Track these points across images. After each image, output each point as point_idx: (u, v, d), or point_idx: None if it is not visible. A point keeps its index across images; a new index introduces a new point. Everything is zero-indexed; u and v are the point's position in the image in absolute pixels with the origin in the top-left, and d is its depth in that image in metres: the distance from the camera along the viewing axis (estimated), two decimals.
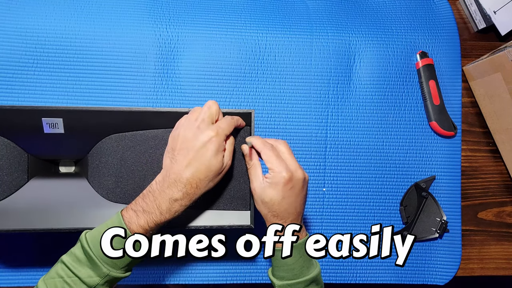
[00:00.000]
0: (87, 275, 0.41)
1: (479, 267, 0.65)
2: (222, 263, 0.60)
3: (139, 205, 0.43)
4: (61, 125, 0.49)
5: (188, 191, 0.42)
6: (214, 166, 0.43)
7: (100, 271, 0.41)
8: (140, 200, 0.43)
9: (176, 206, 0.43)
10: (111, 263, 0.41)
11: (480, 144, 0.66)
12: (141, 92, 0.60)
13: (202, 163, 0.43)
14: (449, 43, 0.66)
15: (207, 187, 0.44)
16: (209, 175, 0.43)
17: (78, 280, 0.41)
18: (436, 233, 0.62)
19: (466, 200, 0.65)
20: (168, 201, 0.42)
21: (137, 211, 0.42)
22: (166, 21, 0.61)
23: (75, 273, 0.41)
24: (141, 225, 0.42)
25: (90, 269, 0.41)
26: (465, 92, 0.66)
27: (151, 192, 0.43)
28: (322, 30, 0.64)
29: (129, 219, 0.42)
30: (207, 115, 0.45)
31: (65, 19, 0.59)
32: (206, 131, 0.43)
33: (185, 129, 0.44)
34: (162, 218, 0.43)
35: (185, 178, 0.42)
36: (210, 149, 0.43)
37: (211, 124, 0.45)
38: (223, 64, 0.62)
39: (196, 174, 0.43)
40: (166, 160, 0.45)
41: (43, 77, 0.58)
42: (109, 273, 0.41)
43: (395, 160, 0.64)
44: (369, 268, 0.62)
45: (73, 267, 0.41)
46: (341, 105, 0.63)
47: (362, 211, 0.63)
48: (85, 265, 0.41)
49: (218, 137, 0.43)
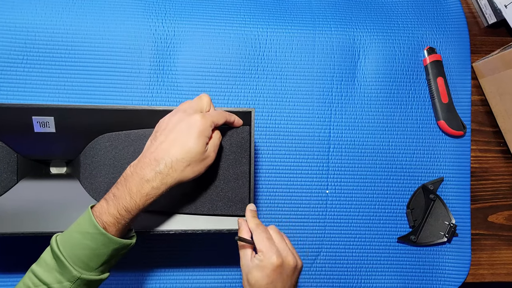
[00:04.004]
0: (56, 281, 0.39)
1: (490, 273, 0.65)
2: (217, 270, 0.60)
3: (111, 192, 0.42)
4: (52, 124, 0.49)
5: (161, 170, 0.41)
6: (194, 149, 0.42)
7: (69, 275, 0.39)
8: (113, 187, 0.43)
9: (147, 188, 0.41)
10: (83, 264, 0.40)
11: (490, 144, 0.66)
12: (136, 89, 0.60)
13: (182, 143, 0.42)
14: (458, 38, 0.66)
15: (185, 172, 0.42)
16: (186, 157, 0.42)
17: (45, 287, 0.39)
18: (445, 237, 0.62)
19: (475, 203, 0.65)
20: (139, 182, 0.41)
21: (108, 199, 0.42)
22: (162, 16, 0.61)
23: (43, 280, 0.39)
24: (111, 213, 0.40)
25: (59, 273, 0.40)
26: (475, 90, 0.66)
27: (123, 176, 0.43)
28: (325, 25, 0.64)
29: (100, 210, 0.41)
30: (196, 103, 0.45)
31: (56, 13, 0.59)
32: (192, 115, 0.43)
33: (171, 115, 0.45)
34: (133, 203, 0.41)
35: (160, 156, 0.41)
36: (193, 130, 0.42)
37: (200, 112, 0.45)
38: (221, 61, 0.62)
39: (173, 152, 0.42)
40: (147, 143, 0.45)
41: (33, 73, 0.58)
42: (80, 276, 0.40)
43: (402, 161, 0.64)
44: (375, 274, 0.62)
45: (41, 273, 0.40)
46: (345, 103, 0.63)
47: (367, 214, 0.63)
48: (54, 269, 0.40)
49: (204, 120, 0.43)
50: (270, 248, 0.43)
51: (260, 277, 0.42)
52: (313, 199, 0.62)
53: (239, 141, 0.52)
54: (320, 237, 0.62)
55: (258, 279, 0.42)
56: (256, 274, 0.43)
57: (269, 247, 0.43)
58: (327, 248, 0.62)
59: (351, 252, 0.62)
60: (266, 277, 0.42)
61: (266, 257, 0.43)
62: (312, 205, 0.62)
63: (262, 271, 0.42)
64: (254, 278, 0.43)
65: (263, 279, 0.42)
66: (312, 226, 0.62)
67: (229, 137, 0.52)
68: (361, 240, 0.62)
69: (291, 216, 0.61)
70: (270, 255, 0.42)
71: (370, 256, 0.62)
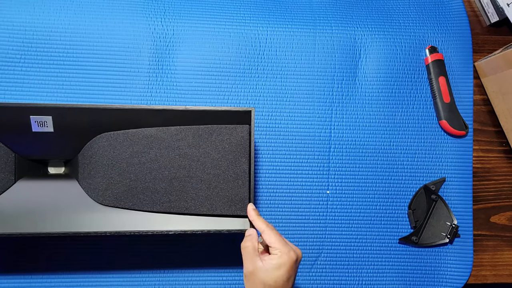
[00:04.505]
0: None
1: (492, 274, 0.64)
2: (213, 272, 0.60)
3: None
4: (50, 123, 0.49)
5: None
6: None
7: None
8: None
9: None
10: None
11: (493, 144, 0.66)
12: (135, 88, 0.60)
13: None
14: (460, 37, 0.66)
15: None
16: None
17: None
18: (446, 238, 0.62)
19: (478, 203, 0.65)
20: None
21: None
22: (161, 14, 0.61)
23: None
24: None
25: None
26: (477, 89, 0.66)
27: None
28: (326, 24, 0.64)
29: None
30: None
31: (54, 12, 0.59)
32: None
33: None
34: None
35: None
36: None
37: None
38: (221, 60, 0.62)
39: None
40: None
41: (31, 72, 0.58)
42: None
43: (403, 161, 0.64)
44: (376, 275, 0.62)
45: None
46: (346, 103, 0.63)
47: (368, 214, 0.62)
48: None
49: None
50: (285, 245, 0.45)
51: (280, 275, 0.43)
52: (313, 200, 0.62)
53: (238, 141, 0.52)
54: (321, 238, 0.62)
55: (279, 278, 0.43)
56: (275, 274, 0.43)
57: (284, 244, 0.45)
58: (328, 249, 0.62)
59: (352, 253, 0.62)
60: (286, 274, 0.43)
61: (284, 254, 0.44)
62: (312, 205, 0.62)
63: (281, 269, 0.43)
64: (273, 279, 0.43)
65: (284, 276, 0.43)
66: (312, 227, 0.62)
67: (228, 137, 0.52)
68: (362, 241, 0.62)
69: (291, 217, 0.61)
70: (288, 252, 0.44)
71: (371, 257, 0.62)
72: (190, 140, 0.51)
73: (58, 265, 0.57)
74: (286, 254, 0.44)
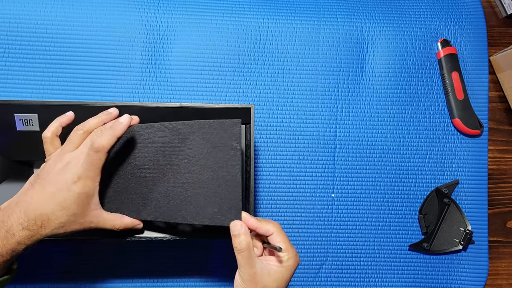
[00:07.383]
0: None
1: (509, 283, 0.64)
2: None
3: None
4: (36, 121, 0.49)
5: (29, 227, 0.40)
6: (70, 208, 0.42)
7: None
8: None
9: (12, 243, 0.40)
10: None
11: (510, 144, 0.66)
12: (126, 85, 0.60)
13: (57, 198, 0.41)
14: (474, 30, 0.65)
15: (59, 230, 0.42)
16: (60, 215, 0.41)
17: None
18: (460, 245, 0.62)
19: (493, 208, 0.65)
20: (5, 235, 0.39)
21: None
22: (155, 5, 0.61)
23: None
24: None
25: None
26: (493, 85, 0.66)
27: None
28: (331, 15, 0.64)
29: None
30: None
31: (40, 3, 0.59)
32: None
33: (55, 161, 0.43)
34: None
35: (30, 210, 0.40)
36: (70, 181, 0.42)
37: None
38: (219, 54, 0.62)
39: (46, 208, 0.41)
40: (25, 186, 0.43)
41: (15, 67, 0.58)
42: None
43: (413, 162, 0.63)
44: (384, 284, 0.62)
45: None
46: (352, 100, 0.63)
47: (376, 219, 0.62)
48: None
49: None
50: (292, 247, 0.44)
51: (284, 280, 0.43)
52: (317, 203, 0.62)
53: (228, 137, 0.46)
54: (326, 245, 0.61)
55: (282, 282, 0.43)
56: (280, 277, 0.43)
57: (291, 246, 0.44)
58: (333, 256, 0.61)
59: (359, 260, 0.62)
60: (289, 278, 0.43)
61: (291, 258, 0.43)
62: (316, 209, 0.62)
63: (287, 273, 0.43)
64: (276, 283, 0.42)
65: (287, 280, 0.43)
66: (316, 233, 0.61)
67: (214, 130, 0.47)
68: (370, 248, 0.62)
69: (294, 222, 0.61)
70: (294, 256, 0.44)
71: (379, 265, 0.62)
72: (170, 139, 0.48)
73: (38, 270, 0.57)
74: (293, 257, 0.43)
